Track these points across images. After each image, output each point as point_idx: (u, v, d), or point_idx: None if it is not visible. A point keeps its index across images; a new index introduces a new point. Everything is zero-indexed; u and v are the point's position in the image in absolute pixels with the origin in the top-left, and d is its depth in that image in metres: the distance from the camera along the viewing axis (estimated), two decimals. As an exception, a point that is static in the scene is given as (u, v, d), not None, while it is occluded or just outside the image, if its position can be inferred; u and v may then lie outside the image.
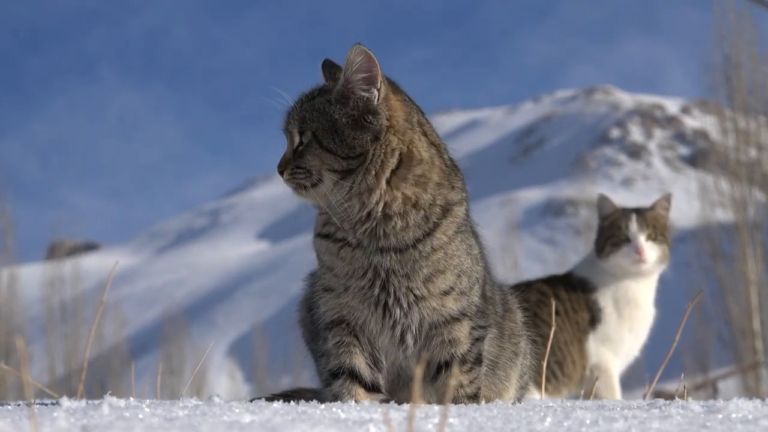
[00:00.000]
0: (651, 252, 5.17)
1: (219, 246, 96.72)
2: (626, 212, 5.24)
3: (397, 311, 2.91)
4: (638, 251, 5.13)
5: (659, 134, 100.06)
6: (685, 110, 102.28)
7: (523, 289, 5.32)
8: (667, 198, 5.36)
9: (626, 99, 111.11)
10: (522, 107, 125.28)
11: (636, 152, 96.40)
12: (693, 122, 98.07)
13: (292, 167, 2.90)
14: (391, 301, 2.90)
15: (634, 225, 5.18)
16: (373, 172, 2.85)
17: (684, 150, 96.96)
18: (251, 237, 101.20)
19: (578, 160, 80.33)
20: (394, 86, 2.96)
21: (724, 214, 22.45)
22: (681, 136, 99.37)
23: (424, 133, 2.96)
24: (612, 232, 5.22)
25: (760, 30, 22.08)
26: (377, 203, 2.86)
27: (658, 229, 5.25)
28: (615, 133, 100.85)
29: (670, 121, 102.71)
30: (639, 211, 5.24)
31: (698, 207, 23.08)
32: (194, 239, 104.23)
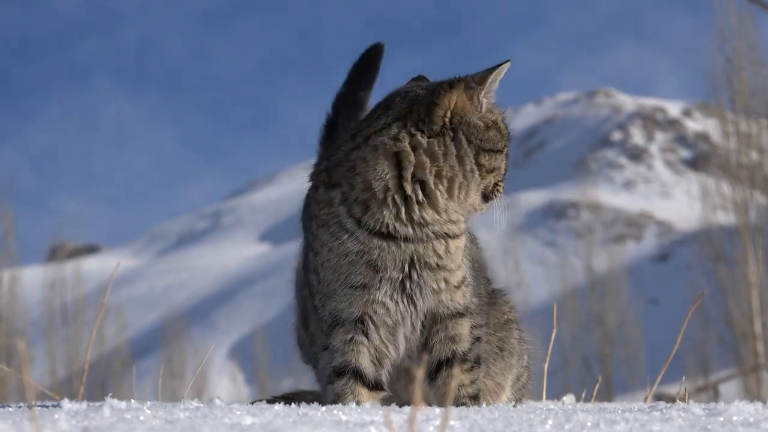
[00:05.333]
0: None
1: (220, 248, 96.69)
2: None
3: (421, 301, 2.92)
4: None
5: (661, 137, 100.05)
6: (687, 113, 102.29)
7: None
8: None
9: (628, 102, 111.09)
10: (523, 109, 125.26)
11: (637, 155, 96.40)
12: (694, 125, 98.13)
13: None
14: (417, 290, 2.90)
15: None
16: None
17: (685, 153, 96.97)
18: (253, 239, 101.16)
19: (580, 163, 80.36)
20: None
21: (725, 217, 22.45)
22: (682, 139, 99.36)
23: None
24: None
25: (762, 33, 22.13)
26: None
27: None
28: (616, 135, 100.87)
29: (672, 123, 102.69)
30: None
31: (700, 210, 23.11)
32: (195, 241, 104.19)
